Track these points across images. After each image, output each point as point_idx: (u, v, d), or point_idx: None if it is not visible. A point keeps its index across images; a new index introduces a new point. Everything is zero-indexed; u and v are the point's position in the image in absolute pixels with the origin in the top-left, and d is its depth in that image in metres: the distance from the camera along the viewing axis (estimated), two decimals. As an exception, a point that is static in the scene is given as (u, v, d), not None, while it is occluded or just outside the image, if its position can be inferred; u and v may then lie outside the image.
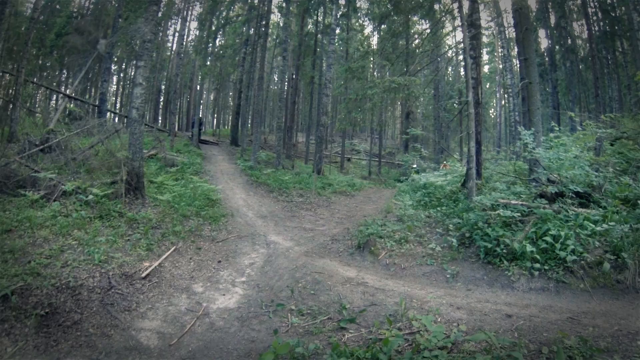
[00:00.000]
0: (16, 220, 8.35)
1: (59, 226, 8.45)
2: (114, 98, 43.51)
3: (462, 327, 5.27)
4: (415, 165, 23.63)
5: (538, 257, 7.64)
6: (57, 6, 34.63)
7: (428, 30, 19.42)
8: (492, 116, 52.39)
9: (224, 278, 8.44)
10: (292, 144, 30.41)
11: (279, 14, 33.03)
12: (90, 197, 9.78)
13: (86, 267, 7.30)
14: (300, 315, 6.41)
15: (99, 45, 23.83)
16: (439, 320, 5.77)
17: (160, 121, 39.89)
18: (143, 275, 7.72)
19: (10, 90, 28.87)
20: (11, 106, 18.86)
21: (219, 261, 9.25)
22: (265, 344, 5.43)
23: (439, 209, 11.64)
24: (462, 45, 13.54)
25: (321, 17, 31.32)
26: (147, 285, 7.55)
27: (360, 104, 17.92)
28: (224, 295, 7.68)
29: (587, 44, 27.62)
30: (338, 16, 25.61)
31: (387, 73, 19.02)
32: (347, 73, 21.65)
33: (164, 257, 8.64)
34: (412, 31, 27.28)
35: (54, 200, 9.68)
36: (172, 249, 9.16)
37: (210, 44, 33.89)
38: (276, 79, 51.01)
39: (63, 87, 34.31)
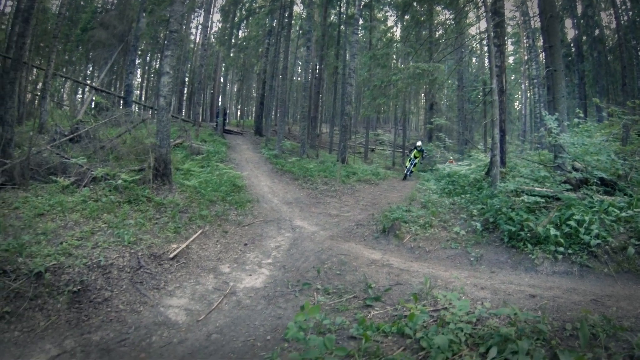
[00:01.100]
0: (48, 205, 8.69)
1: (89, 210, 8.76)
2: (138, 91, 43.93)
3: (486, 304, 5.37)
4: (420, 143, 22.50)
5: (562, 241, 7.67)
6: (82, 2, 35.21)
7: (452, 21, 19.30)
8: (517, 108, 51.82)
9: (250, 260, 8.66)
10: (316, 134, 30.46)
11: (302, 5, 33.10)
12: (120, 182, 10.08)
13: (116, 248, 7.60)
14: (327, 294, 6.56)
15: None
16: (463, 298, 5.87)
17: (184, 112, 40.21)
18: (171, 256, 7.98)
19: (39, 84, 29.51)
20: (41, 99, 19.30)
21: (245, 244, 9.47)
22: (291, 320, 5.54)
23: (462, 196, 11.69)
24: (486, 33, 13.54)
25: (344, 8, 31.33)
26: (175, 266, 7.81)
27: (384, 90, 17.97)
28: (250, 275, 7.90)
29: (615, 34, 27.16)
30: (361, 6, 25.53)
31: (411, 62, 18.96)
32: (371, 60, 21.72)
33: (191, 239, 8.87)
34: (436, 22, 27.07)
35: (84, 186, 9.99)
36: (199, 232, 9.39)
37: (234, 36, 34.10)
38: (299, 70, 51.08)
39: (89, 81, 34.78)
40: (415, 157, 21.79)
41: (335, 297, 6.40)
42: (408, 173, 21.13)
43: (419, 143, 22.73)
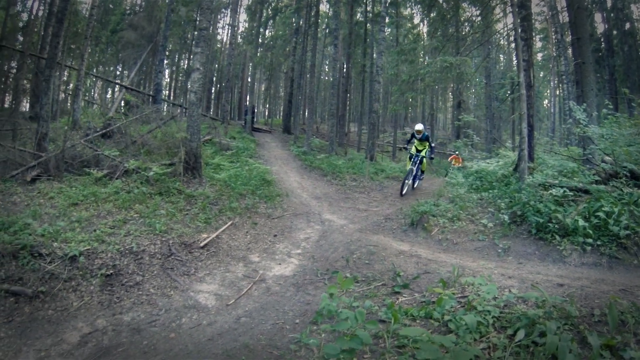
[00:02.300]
0: (82, 195, 9.02)
1: (122, 201, 9.06)
2: (166, 92, 44.50)
3: (513, 291, 5.41)
4: (420, 126, 14.95)
5: (591, 232, 7.61)
6: (111, 5, 35.98)
7: (478, 17, 19.20)
8: (546, 106, 51.12)
9: (279, 250, 8.84)
10: (345, 132, 30.56)
11: (328, 4, 33.24)
12: (151, 173, 10.37)
13: (147, 236, 7.88)
14: (355, 282, 6.64)
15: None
16: (490, 283, 5.92)
17: (212, 111, 40.63)
18: (201, 245, 8.21)
19: (71, 84, 30.25)
20: (73, 97, 19.83)
21: (275, 235, 9.67)
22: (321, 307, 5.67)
23: (490, 191, 11.67)
24: (512, 27, 13.48)
25: (370, 7, 31.34)
26: (205, 254, 8.06)
27: (412, 85, 18.01)
28: (279, 264, 8.08)
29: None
30: (387, 4, 25.53)
31: (438, 57, 18.96)
32: (398, 56, 21.72)
33: (221, 230, 9.08)
34: (462, 18, 26.93)
35: (116, 178, 10.29)
36: (229, 223, 9.60)
37: (260, 35, 34.39)
38: (327, 69, 51.18)
39: (119, 80, 35.48)
40: (420, 151, 14.64)
41: (364, 285, 6.49)
42: (410, 181, 14.50)
43: (418, 126, 14.97)
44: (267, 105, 55.63)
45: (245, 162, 15.63)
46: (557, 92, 44.91)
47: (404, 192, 13.84)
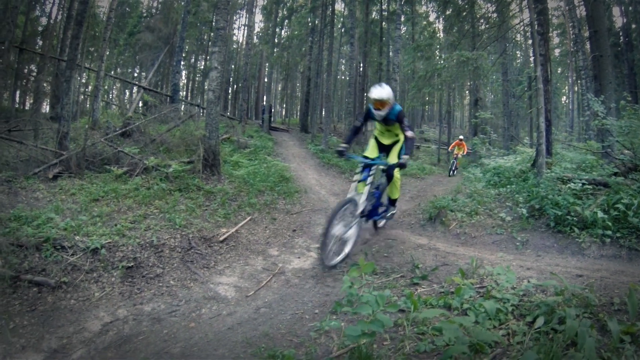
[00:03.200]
0: (103, 192, 9.20)
1: (142, 197, 9.23)
2: (183, 92, 44.86)
3: (532, 281, 5.42)
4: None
5: (610, 224, 7.57)
6: (127, 8, 36.44)
7: (494, 13, 19.17)
8: (565, 103, 50.71)
9: (298, 244, 8.92)
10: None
11: (343, 3, 33.31)
12: (171, 169, 10.59)
13: (167, 231, 8.00)
14: (374, 274, 6.68)
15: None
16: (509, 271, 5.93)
17: (229, 110, 40.89)
18: (221, 239, 8.32)
19: (90, 86, 30.70)
20: (93, 98, 20.19)
21: (294, 230, 9.75)
22: (340, 297, 5.67)
23: (508, 187, 11.65)
24: (528, 21, 13.42)
25: (385, 5, 31.35)
26: (225, 248, 8.18)
27: (429, 81, 18.03)
28: (299, 258, 8.17)
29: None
30: (402, 2, 25.53)
31: (455, 52, 18.92)
32: (415, 52, 21.76)
33: (240, 225, 9.18)
34: (478, 15, 26.83)
35: (136, 176, 10.46)
36: (248, 218, 9.71)
37: (276, 35, 34.58)
38: (343, 68, 51.27)
39: (136, 82, 35.92)
40: (382, 148, 11.84)
41: (382, 277, 6.51)
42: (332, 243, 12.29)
43: (376, 92, 13.23)
44: (284, 105, 55.88)
45: (263, 160, 15.82)
46: (575, 89, 44.48)
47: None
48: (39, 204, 8.33)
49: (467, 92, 39.89)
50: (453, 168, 20.02)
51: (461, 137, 21.06)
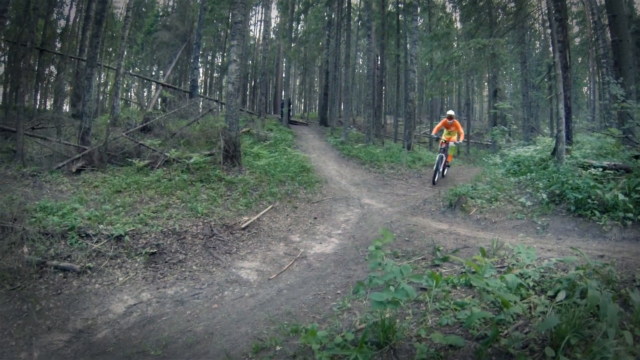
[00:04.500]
0: (125, 183, 9.46)
1: (163, 188, 9.44)
2: (201, 89, 45.14)
3: (553, 259, 5.42)
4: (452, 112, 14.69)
5: (631, 207, 7.54)
6: (144, 9, 36.79)
7: (512, 3, 19.02)
8: (586, 94, 50.05)
9: (320, 231, 9.03)
10: (381, 124, 30.55)
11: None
12: (192, 161, 10.77)
13: (189, 219, 8.23)
14: (396, 257, 6.74)
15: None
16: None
17: (248, 105, 41.07)
18: (242, 226, 8.47)
19: (109, 85, 31.12)
20: (113, 95, 20.51)
21: (315, 218, 9.88)
22: (361, 279, 5.77)
23: (528, 175, 11.60)
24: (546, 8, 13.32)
25: (401, -3, 31.23)
26: (247, 235, 8.32)
27: (447, 70, 17.97)
28: (320, 243, 8.27)
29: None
30: (418, -6, 25.41)
31: (472, 40, 18.76)
32: (432, 41, 21.67)
33: (261, 213, 9.33)
34: (495, 3, 26.62)
35: (157, 168, 10.69)
36: (269, 207, 9.84)
37: (293, 30, 34.62)
38: (361, 61, 51.18)
39: (155, 79, 36.27)
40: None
41: (404, 259, 6.57)
42: (441, 167, 14.12)
43: (450, 112, 14.71)
44: (303, 100, 55.91)
45: (283, 151, 15.98)
46: (597, 79, 43.86)
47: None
48: (63, 196, 8.57)
49: (485, 83, 39.57)
50: (441, 167, 14.16)
51: (451, 112, 14.98)
